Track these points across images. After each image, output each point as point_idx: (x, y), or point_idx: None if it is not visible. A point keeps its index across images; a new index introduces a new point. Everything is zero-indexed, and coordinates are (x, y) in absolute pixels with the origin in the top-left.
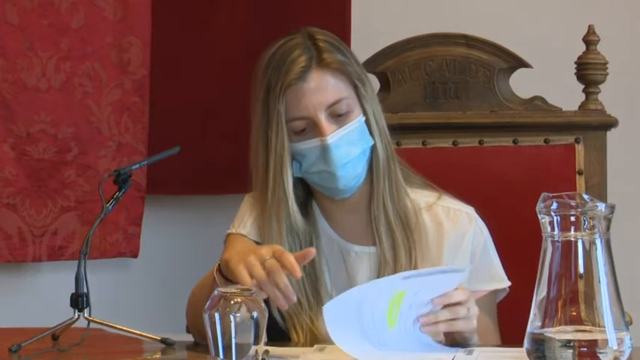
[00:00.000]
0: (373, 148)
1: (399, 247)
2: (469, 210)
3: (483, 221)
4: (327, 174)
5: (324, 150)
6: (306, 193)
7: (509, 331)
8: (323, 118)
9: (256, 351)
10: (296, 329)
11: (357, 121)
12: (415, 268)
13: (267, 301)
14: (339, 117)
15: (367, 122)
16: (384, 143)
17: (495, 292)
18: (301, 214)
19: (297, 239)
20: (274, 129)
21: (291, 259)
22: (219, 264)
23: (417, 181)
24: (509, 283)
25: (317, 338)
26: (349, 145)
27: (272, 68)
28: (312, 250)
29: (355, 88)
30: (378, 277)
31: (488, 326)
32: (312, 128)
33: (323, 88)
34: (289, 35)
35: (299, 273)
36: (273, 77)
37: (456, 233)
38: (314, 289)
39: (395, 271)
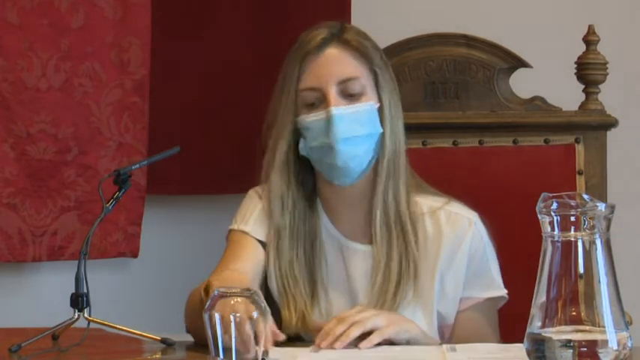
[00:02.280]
0: (382, 140)
1: (393, 249)
2: (471, 215)
3: (486, 227)
4: (328, 148)
5: (328, 121)
6: (312, 190)
7: (510, 331)
8: (333, 92)
9: (256, 351)
10: (289, 308)
11: (369, 104)
12: (415, 274)
13: (268, 299)
14: (351, 96)
15: (381, 111)
16: (393, 138)
17: (494, 299)
18: (306, 207)
19: (301, 233)
20: (286, 95)
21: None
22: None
23: (429, 189)
24: (505, 292)
25: (307, 325)
26: (354, 123)
27: (297, 43)
28: (283, 337)
29: (374, 75)
30: (373, 277)
31: (486, 334)
32: (321, 102)
33: (338, 63)
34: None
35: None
36: (295, 48)
37: (455, 237)
38: (311, 277)
39: (387, 273)
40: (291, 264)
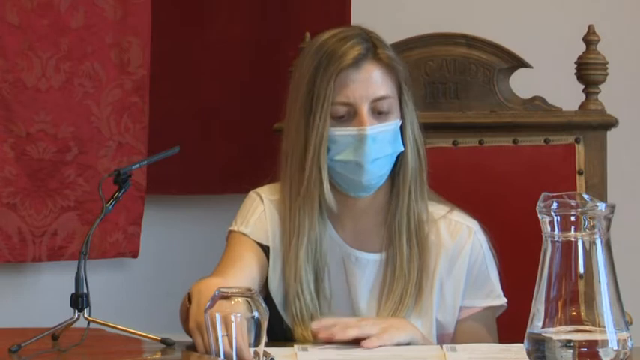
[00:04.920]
0: (402, 156)
1: (413, 260)
2: (471, 224)
3: (487, 236)
4: (355, 165)
5: (360, 140)
6: None
7: (510, 330)
8: (365, 109)
9: (256, 352)
10: (295, 313)
11: (395, 123)
12: (420, 283)
13: (267, 300)
14: (379, 114)
15: (402, 128)
16: (415, 153)
17: (494, 308)
18: (318, 212)
19: (310, 239)
20: (320, 107)
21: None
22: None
23: (433, 196)
24: (504, 300)
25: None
26: (384, 143)
27: (325, 52)
28: None
29: (400, 90)
30: (385, 286)
31: (486, 342)
32: (352, 117)
33: (373, 81)
34: (343, 27)
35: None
36: (325, 60)
37: (454, 246)
38: (316, 284)
39: (406, 284)
40: (300, 268)
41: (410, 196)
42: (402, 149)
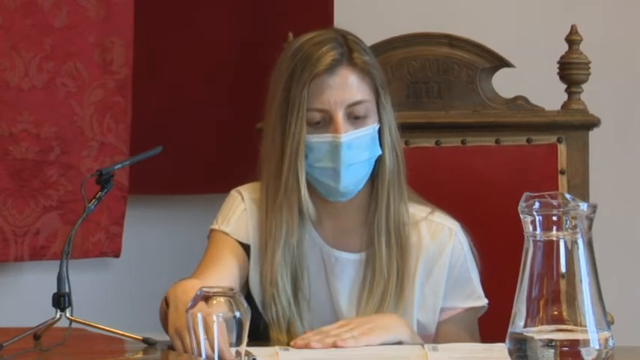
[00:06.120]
0: (379, 159)
1: (393, 261)
2: (452, 225)
3: (468, 237)
4: (332, 172)
5: (335, 147)
6: None
7: (492, 330)
8: (340, 116)
9: (237, 351)
10: (277, 319)
11: (372, 127)
12: (401, 284)
13: (249, 300)
14: (355, 119)
15: (380, 132)
16: (393, 156)
17: (475, 309)
18: (297, 213)
19: (289, 241)
20: (295, 114)
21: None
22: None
23: (414, 197)
24: (486, 301)
25: (294, 337)
26: (359, 149)
27: (300, 57)
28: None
29: (377, 94)
30: (365, 286)
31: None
32: (327, 123)
33: (348, 86)
34: (321, 30)
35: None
36: (300, 65)
37: (435, 247)
38: (294, 287)
39: (386, 285)
40: (275, 273)
41: (389, 198)
42: (380, 153)
